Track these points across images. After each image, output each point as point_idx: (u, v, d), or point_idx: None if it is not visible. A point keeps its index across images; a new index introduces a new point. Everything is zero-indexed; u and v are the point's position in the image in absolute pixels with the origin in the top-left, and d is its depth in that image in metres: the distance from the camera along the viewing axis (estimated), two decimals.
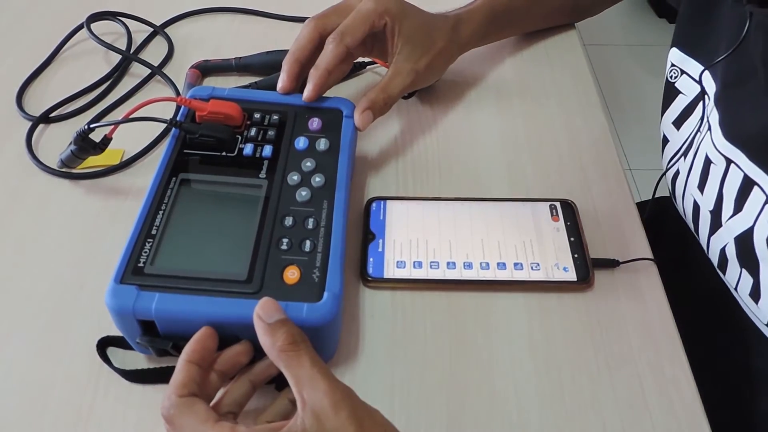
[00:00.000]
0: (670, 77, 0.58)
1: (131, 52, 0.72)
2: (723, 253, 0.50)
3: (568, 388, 0.46)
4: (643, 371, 0.47)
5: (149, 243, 0.45)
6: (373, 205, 0.56)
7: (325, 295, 0.43)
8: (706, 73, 0.53)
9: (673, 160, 0.57)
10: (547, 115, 0.66)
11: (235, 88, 0.60)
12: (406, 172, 0.60)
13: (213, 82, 0.69)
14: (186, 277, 0.43)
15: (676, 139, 0.57)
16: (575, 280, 0.51)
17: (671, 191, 0.58)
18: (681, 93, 0.57)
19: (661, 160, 0.60)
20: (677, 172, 0.56)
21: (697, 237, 0.54)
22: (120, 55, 0.71)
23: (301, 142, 0.53)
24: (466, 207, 0.56)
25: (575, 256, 0.52)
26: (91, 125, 0.53)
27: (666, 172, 0.59)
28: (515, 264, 0.52)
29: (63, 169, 0.58)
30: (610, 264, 0.52)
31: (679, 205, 0.57)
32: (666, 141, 0.59)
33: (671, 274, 0.53)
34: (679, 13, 0.58)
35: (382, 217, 0.55)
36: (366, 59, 0.69)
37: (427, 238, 0.53)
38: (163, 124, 0.60)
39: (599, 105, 0.67)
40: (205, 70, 0.69)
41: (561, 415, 0.45)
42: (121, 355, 0.47)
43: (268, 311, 0.39)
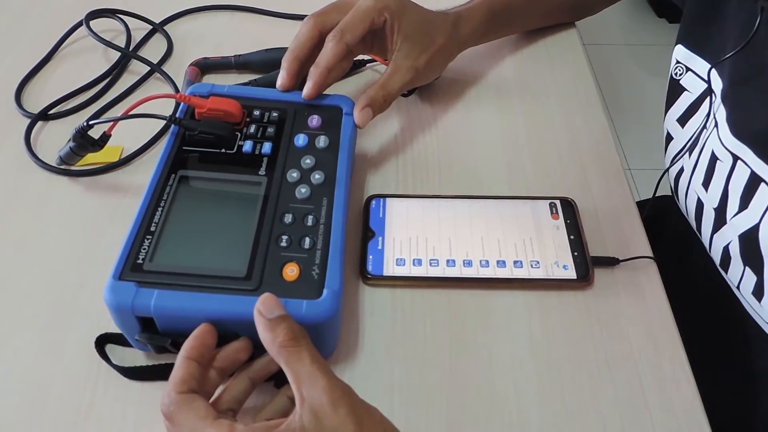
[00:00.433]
0: (675, 74, 0.58)
1: (130, 49, 0.72)
2: (726, 251, 0.50)
3: (567, 386, 0.46)
4: (642, 369, 0.47)
5: (148, 240, 0.45)
6: (373, 202, 0.56)
7: (325, 292, 0.43)
8: (713, 71, 0.53)
9: (677, 158, 0.57)
10: (547, 113, 0.66)
11: (235, 85, 0.60)
12: (405, 170, 0.60)
13: (212, 80, 0.69)
14: (185, 273, 0.43)
15: (680, 136, 0.57)
16: (575, 278, 0.51)
17: (674, 189, 0.58)
18: (686, 90, 0.56)
19: (664, 158, 0.60)
20: (681, 170, 0.56)
21: (699, 235, 0.54)
22: (119, 53, 0.71)
23: (300, 140, 0.53)
24: (465, 205, 0.56)
25: (575, 254, 0.52)
26: (90, 122, 0.53)
27: (669, 169, 0.59)
28: (515, 262, 0.52)
29: (62, 167, 0.58)
30: (610, 262, 0.52)
31: (681, 202, 0.57)
32: (670, 138, 0.59)
33: (671, 273, 0.53)
34: (684, 11, 0.58)
35: (381, 215, 0.55)
36: (365, 57, 0.68)
37: (426, 235, 0.53)
38: (162, 121, 0.60)
39: (599, 104, 0.67)
40: (205, 67, 0.69)
41: (561, 413, 0.45)
42: (119, 352, 0.47)
43: (269, 307, 0.39)
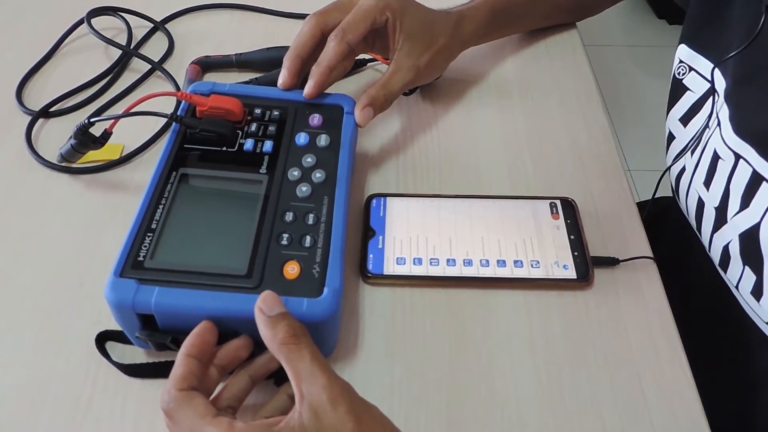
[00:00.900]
0: (678, 74, 0.58)
1: (131, 47, 0.72)
2: (726, 250, 0.50)
3: (567, 386, 0.46)
4: (642, 370, 0.47)
5: (149, 237, 0.45)
6: (374, 201, 0.56)
7: (325, 290, 0.43)
8: (717, 70, 0.53)
9: (679, 157, 0.57)
10: (548, 113, 0.66)
11: (236, 83, 0.60)
12: (406, 169, 0.60)
13: (213, 78, 0.69)
14: (186, 271, 0.43)
15: (682, 135, 0.57)
16: (575, 278, 0.51)
17: (675, 188, 0.58)
18: (689, 90, 0.57)
19: (666, 157, 0.60)
20: (683, 169, 0.56)
21: (699, 235, 0.54)
22: (120, 51, 0.71)
23: (301, 138, 0.53)
24: (466, 204, 0.56)
25: (575, 254, 0.52)
26: (91, 119, 0.53)
27: (669, 168, 0.59)
28: (515, 261, 0.52)
29: (63, 164, 0.58)
30: (610, 262, 0.52)
31: (682, 202, 0.57)
32: (672, 138, 0.59)
33: (671, 274, 0.53)
34: (688, 11, 0.58)
35: (382, 214, 0.55)
36: (367, 56, 0.69)
37: (427, 235, 0.53)
38: (164, 119, 0.60)
39: (600, 104, 0.67)
40: (206, 65, 0.69)
41: (560, 413, 0.45)
42: (120, 350, 0.47)
43: (270, 304, 0.39)
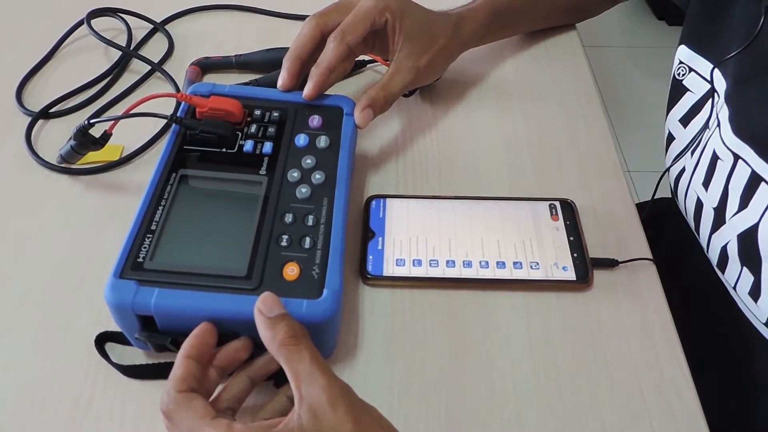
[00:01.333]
0: (678, 75, 0.58)
1: (131, 48, 0.72)
2: (724, 251, 0.50)
3: (566, 387, 0.46)
4: (641, 371, 0.47)
5: (149, 238, 0.45)
6: (373, 203, 0.56)
7: (325, 291, 0.43)
8: (717, 70, 0.53)
9: (678, 158, 0.57)
10: (548, 115, 0.66)
11: (236, 84, 0.60)
12: (406, 171, 0.60)
13: (213, 80, 0.69)
14: (185, 272, 0.43)
15: (682, 136, 0.57)
16: (574, 279, 0.51)
17: (673, 189, 0.58)
18: (689, 91, 0.57)
19: (665, 158, 0.60)
20: (682, 170, 0.56)
21: (698, 235, 0.54)
22: (120, 52, 0.71)
23: (301, 139, 0.53)
24: (465, 205, 0.56)
25: (574, 255, 0.52)
26: (91, 121, 0.53)
27: (669, 169, 0.59)
28: (514, 263, 0.52)
29: (62, 165, 0.58)
30: (609, 264, 0.52)
31: (681, 202, 0.57)
32: (671, 139, 0.59)
33: (670, 275, 0.53)
34: (688, 11, 0.58)
35: (381, 215, 0.55)
36: (366, 57, 0.69)
37: (426, 236, 0.53)
38: (163, 121, 0.60)
39: (599, 105, 0.67)
40: (206, 67, 0.69)
41: (559, 414, 0.45)
42: (119, 351, 0.47)
43: (269, 305, 0.39)
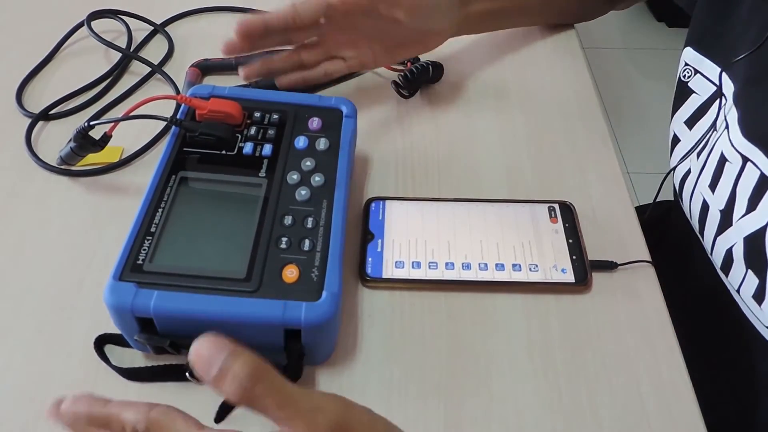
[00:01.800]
0: (683, 77, 0.58)
1: (131, 50, 0.72)
2: (729, 253, 0.50)
3: (565, 390, 0.46)
4: (640, 374, 0.47)
5: (148, 240, 0.45)
6: (372, 205, 0.56)
7: (324, 294, 0.43)
8: (724, 73, 0.53)
9: (683, 159, 0.57)
10: (547, 117, 0.66)
11: (236, 86, 0.60)
12: (405, 173, 0.60)
13: (213, 81, 0.69)
14: (185, 274, 0.43)
15: (687, 138, 0.57)
16: (573, 281, 0.51)
17: (678, 191, 0.58)
18: (695, 93, 0.57)
19: (669, 160, 0.60)
20: (688, 171, 0.56)
21: (701, 238, 0.54)
22: (120, 53, 0.71)
23: (301, 142, 0.53)
24: (464, 208, 0.56)
25: (573, 257, 0.52)
26: (90, 122, 0.53)
27: (673, 171, 0.59)
28: (513, 265, 0.52)
29: (62, 167, 0.58)
30: (608, 266, 0.52)
31: (685, 204, 0.57)
32: (676, 140, 0.59)
33: (671, 277, 0.53)
34: (694, 13, 0.58)
35: (381, 218, 0.55)
36: None
37: (425, 238, 0.53)
38: (163, 123, 0.60)
39: (598, 107, 0.68)
40: (206, 68, 0.69)
41: (558, 417, 0.45)
42: (118, 353, 0.47)
43: (204, 364, 0.30)
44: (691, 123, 0.57)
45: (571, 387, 0.46)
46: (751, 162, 0.48)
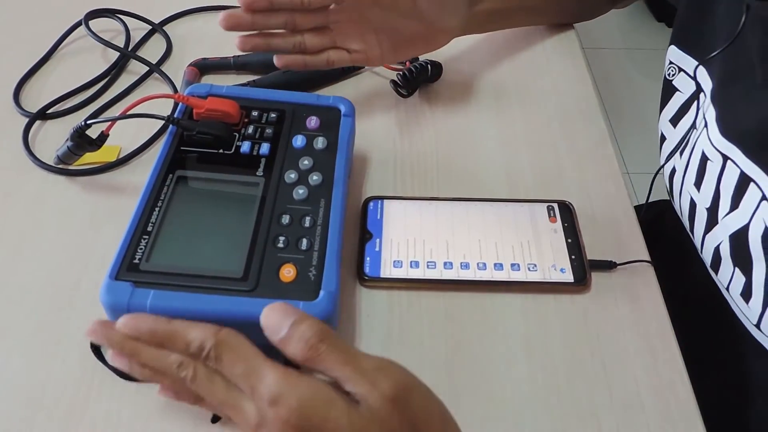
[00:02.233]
0: (668, 75, 0.58)
1: (129, 49, 0.72)
2: (717, 251, 0.50)
3: (564, 389, 0.46)
4: (639, 373, 0.47)
5: (145, 240, 0.45)
6: (371, 204, 0.56)
7: (321, 293, 0.43)
8: (702, 70, 0.53)
9: (669, 158, 0.57)
10: (546, 116, 0.66)
11: (234, 86, 0.60)
12: (404, 172, 0.60)
13: (211, 80, 0.69)
14: (181, 274, 0.43)
15: (672, 136, 0.57)
16: (572, 281, 0.51)
17: (669, 189, 0.58)
18: (678, 90, 0.57)
19: (659, 159, 0.60)
20: (674, 170, 0.56)
21: (692, 236, 0.54)
22: (118, 53, 0.70)
23: (298, 141, 0.53)
24: (463, 207, 0.56)
25: (572, 257, 0.52)
26: (87, 121, 0.53)
27: (661, 169, 0.59)
28: (512, 265, 0.52)
29: (59, 166, 0.58)
30: (607, 266, 0.52)
31: (676, 203, 0.57)
32: (663, 139, 0.59)
33: (667, 276, 0.53)
34: (677, 11, 0.58)
35: (379, 217, 0.55)
36: None
37: (424, 238, 0.53)
38: (161, 122, 0.60)
39: (598, 107, 0.67)
40: (204, 68, 0.69)
41: (557, 416, 0.45)
42: None
43: (275, 327, 0.35)
44: (675, 121, 0.57)
45: (569, 387, 0.46)
46: (731, 160, 0.47)
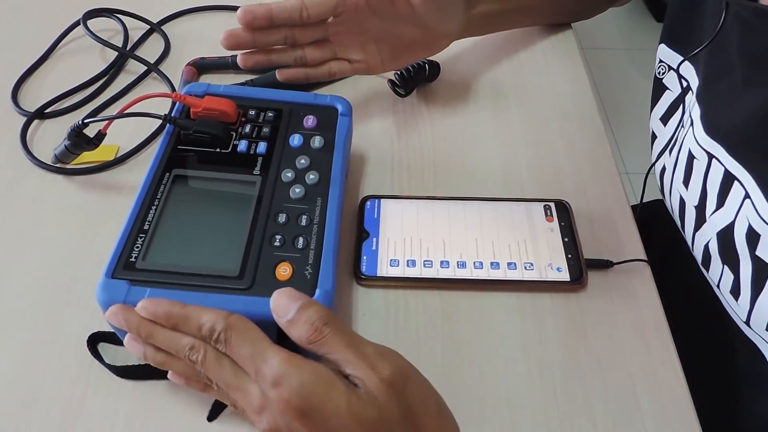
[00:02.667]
0: (659, 73, 0.58)
1: (128, 49, 0.72)
2: (706, 249, 0.50)
3: (560, 388, 0.46)
4: (635, 372, 0.47)
5: (141, 238, 0.45)
6: (368, 203, 0.56)
7: (317, 292, 0.43)
8: (689, 67, 0.53)
9: (659, 157, 0.57)
10: (544, 116, 0.66)
11: (231, 85, 0.60)
12: (401, 171, 0.60)
13: (209, 80, 0.69)
14: (178, 272, 0.43)
15: (662, 135, 0.57)
16: (568, 280, 0.51)
17: (660, 188, 0.58)
18: (668, 89, 0.57)
19: (650, 158, 0.60)
20: (664, 168, 0.56)
21: (684, 234, 0.54)
22: (116, 52, 0.71)
23: (295, 140, 0.53)
24: (460, 206, 0.56)
25: (569, 256, 0.52)
26: (85, 121, 0.53)
27: (652, 167, 0.59)
28: (509, 264, 0.52)
29: (57, 165, 0.58)
30: (604, 265, 0.52)
31: (667, 201, 0.57)
32: (654, 137, 0.59)
33: (662, 275, 0.53)
34: (667, 10, 0.58)
35: (376, 216, 0.55)
36: None
37: (421, 236, 0.53)
38: (158, 121, 0.60)
39: (595, 107, 0.67)
40: (202, 67, 0.69)
41: (553, 415, 0.45)
42: (112, 351, 0.47)
43: (283, 309, 0.37)
44: (665, 120, 0.57)
45: (566, 386, 0.46)
46: (716, 158, 0.48)
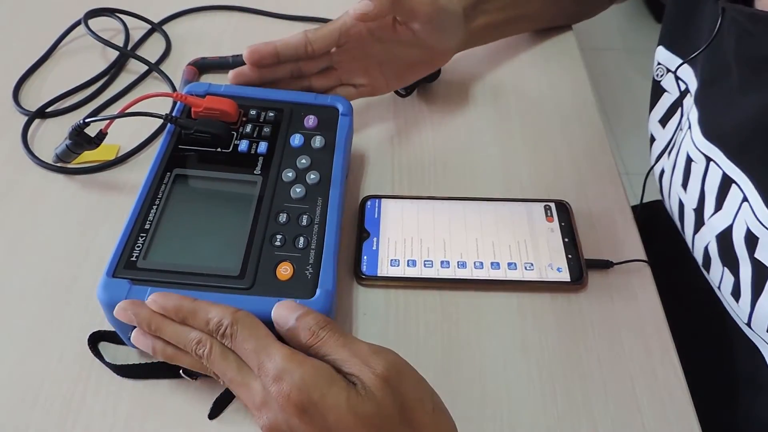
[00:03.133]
0: (657, 76, 0.58)
1: (129, 48, 0.72)
2: (706, 251, 0.50)
3: (559, 388, 0.46)
4: (635, 373, 0.47)
5: (142, 237, 0.45)
6: (368, 203, 0.56)
7: (318, 291, 0.43)
8: (687, 70, 0.53)
9: (658, 159, 0.57)
10: (544, 116, 0.66)
11: (232, 84, 0.60)
12: (401, 171, 0.60)
13: (210, 80, 0.69)
14: (179, 271, 0.43)
15: (661, 137, 0.57)
16: (569, 280, 0.51)
17: (660, 190, 0.58)
18: (666, 91, 0.57)
19: (649, 159, 0.60)
20: (663, 171, 0.56)
21: (684, 236, 0.54)
22: (117, 52, 0.71)
23: (296, 139, 0.53)
24: (460, 206, 0.56)
25: (569, 256, 0.52)
26: (86, 120, 0.53)
27: (652, 170, 0.59)
28: (509, 264, 0.52)
29: (58, 164, 0.58)
30: (604, 265, 0.52)
31: (667, 203, 0.57)
32: (653, 140, 0.59)
33: (663, 276, 0.53)
34: (665, 11, 0.58)
35: (376, 216, 0.55)
36: None
37: (421, 236, 0.53)
38: (159, 120, 0.60)
39: (595, 108, 0.67)
40: (203, 67, 0.69)
41: (552, 415, 0.45)
42: (112, 350, 0.47)
43: (283, 319, 0.40)
44: (663, 122, 0.57)
45: (565, 386, 0.46)
46: (713, 161, 0.48)
